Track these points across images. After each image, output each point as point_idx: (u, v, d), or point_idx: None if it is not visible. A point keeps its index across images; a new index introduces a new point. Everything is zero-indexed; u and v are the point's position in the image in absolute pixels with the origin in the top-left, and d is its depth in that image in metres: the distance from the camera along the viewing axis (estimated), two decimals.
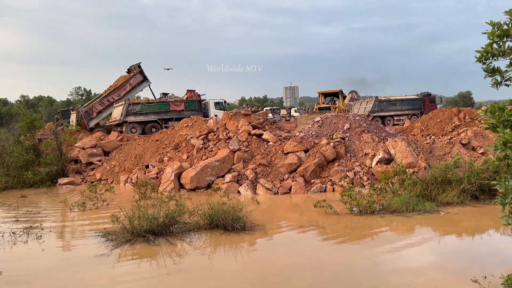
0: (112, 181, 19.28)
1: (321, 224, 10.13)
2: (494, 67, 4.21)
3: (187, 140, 19.51)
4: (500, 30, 4.04)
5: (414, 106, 36.81)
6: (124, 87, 29.64)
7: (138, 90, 31.00)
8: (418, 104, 36.94)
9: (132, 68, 30.40)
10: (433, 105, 37.20)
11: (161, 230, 9.13)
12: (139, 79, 30.17)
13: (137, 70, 30.08)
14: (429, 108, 36.24)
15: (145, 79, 30.46)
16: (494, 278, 5.61)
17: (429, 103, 37.11)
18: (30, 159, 19.54)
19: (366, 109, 35.74)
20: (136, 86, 30.22)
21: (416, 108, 36.71)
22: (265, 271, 7.09)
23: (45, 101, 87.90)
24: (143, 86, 30.67)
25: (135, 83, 29.99)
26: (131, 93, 30.14)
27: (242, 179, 15.75)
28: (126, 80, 30.00)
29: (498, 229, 9.41)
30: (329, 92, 45.52)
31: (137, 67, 30.18)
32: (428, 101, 37.32)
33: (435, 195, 11.77)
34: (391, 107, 36.12)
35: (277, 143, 17.60)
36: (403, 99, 37.07)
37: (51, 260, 8.08)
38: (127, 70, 31.00)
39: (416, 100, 37.10)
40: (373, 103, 35.72)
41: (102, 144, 22.28)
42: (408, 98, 37.45)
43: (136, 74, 29.96)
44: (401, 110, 36.07)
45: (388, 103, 36.29)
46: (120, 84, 29.83)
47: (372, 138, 17.16)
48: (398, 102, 36.64)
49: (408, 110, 36.30)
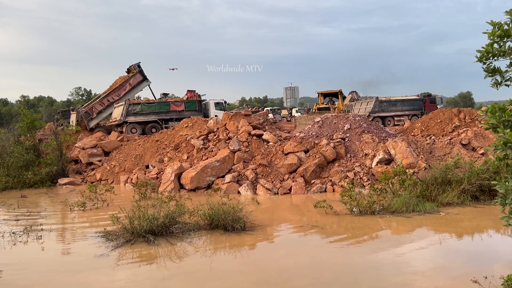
0: (112, 181, 19.28)
1: (321, 224, 10.12)
2: (494, 67, 4.20)
3: (187, 140, 19.51)
4: (501, 30, 4.04)
5: (415, 106, 36.77)
6: (124, 87, 29.60)
7: (138, 90, 30.93)
8: (418, 104, 36.90)
9: (132, 68, 30.36)
10: (434, 105, 37.16)
11: (161, 230, 9.13)
12: (138, 79, 30.12)
13: (137, 70, 30.02)
14: (429, 108, 36.19)
15: (145, 78, 30.40)
16: (494, 278, 5.60)
17: (430, 104, 37.08)
18: (30, 159, 19.54)
19: (366, 109, 35.68)
20: (136, 86, 30.16)
21: (417, 109, 36.67)
22: (266, 271, 7.08)
23: (46, 101, 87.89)
24: (142, 85, 30.62)
25: (134, 83, 29.93)
26: (131, 93, 30.09)
27: (242, 180, 15.75)
28: (125, 80, 29.97)
29: (499, 229, 9.41)
30: (328, 92, 44.67)
31: (136, 66, 30.12)
32: (429, 101, 37.30)
33: (435, 196, 11.76)
34: (391, 108, 36.07)
35: (277, 143, 17.60)
36: (403, 100, 37.03)
37: (51, 261, 8.08)
38: (127, 70, 30.98)
39: (417, 101, 37.07)
40: (373, 103, 35.67)
41: (102, 144, 22.27)
42: (409, 98, 37.41)
43: (135, 74, 29.92)
44: (402, 111, 36.03)
45: (389, 104, 36.25)
46: (120, 84, 29.79)
47: (372, 138, 17.16)
48: (399, 102, 36.60)
49: (409, 110, 36.26)
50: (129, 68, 30.65)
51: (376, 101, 35.74)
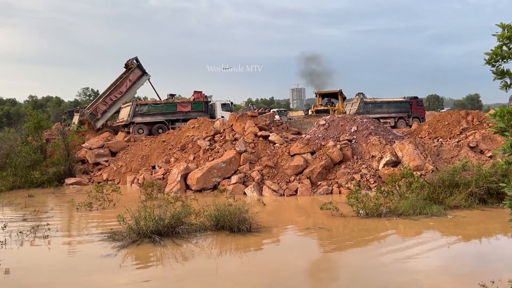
0: (118, 182, 19.37)
1: (328, 226, 10.09)
2: (503, 70, 4.17)
3: (194, 141, 19.55)
4: (510, 32, 4.00)
5: (401, 108, 35.89)
6: (125, 84, 29.09)
7: (139, 85, 30.14)
8: (405, 107, 36.16)
9: (129, 62, 29.74)
10: (421, 108, 36.66)
11: (167, 231, 9.13)
12: (138, 74, 29.47)
13: (135, 65, 29.40)
14: (416, 111, 35.77)
15: (144, 73, 29.74)
16: (502, 282, 5.55)
17: (417, 106, 36.45)
18: (38, 159, 19.68)
19: (351, 110, 34.84)
20: (136, 81, 29.55)
21: (403, 111, 35.70)
22: (278, 273, 7.06)
23: (53, 101, 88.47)
24: (143, 80, 29.90)
25: (134, 78, 29.34)
26: (132, 89, 29.48)
27: (248, 181, 15.74)
28: (125, 76, 29.51)
29: (506, 233, 9.33)
30: (327, 92, 40.54)
31: (134, 61, 29.50)
32: (416, 104, 36.63)
33: (443, 198, 11.67)
34: (377, 109, 35.03)
35: (283, 144, 17.59)
36: (389, 102, 36.35)
37: (57, 260, 8.12)
38: (125, 65, 30.28)
39: (403, 103, 36.34)
40: (358, 104, 35.06)
41: (109, 144, 22.38)
42: (395, 100, 36.68)
43: (134, 68, 29.24)
44: (388, 113, 34.91)
45: (374, 105, 35.51)
46: (120, 81, 29.34)
47: (379, 140, 17.09)
48: (385, 104, 35.88)
49: (395, 112, 35.20)
50: (127, 63, 30.07)
51: (361, 102, 35.10)
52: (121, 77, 29.32)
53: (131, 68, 29.22)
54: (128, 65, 29.65)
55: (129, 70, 29.45)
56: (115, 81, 29.65)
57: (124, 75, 29.53)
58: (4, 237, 9.40)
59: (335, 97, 39.04)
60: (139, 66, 29.41)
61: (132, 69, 29.17)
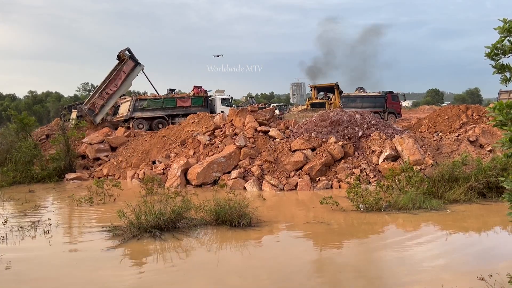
0: (119, 177, 19.38)
1: (328, 220, 10.11)
2: (503, 64, 4.17)
3: (194, 136, 19.55)
4: (510, 24, 4.00)
5: (376, 103, 35.62)
6: (119, 76, 28.67)
7: (133, 76, 29.60)
8: (380, 101, 35.84)
9: (122, 54, 29.39)
10: (396, 103, 36.45)
11: (168, 225, 9.16)
12: (131, 65, 29.03)
13: (127, 56, 29.01)
14: (391, 106, 35.60)
15: (137, 63, 29.40)
16: (501, 276, 5.57)
17: (392, 101, 36.21)
18: (36, 154, 19.73)
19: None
20: (130, 72, 29.18)
21: (378, 106, 35.48)
22: (284, 268, 7.08)
23: (53, 96, 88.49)
24: (137, 71, 29.38)
25: (128, 69, 28.91)
26: (127, 80, 29.01)
27: (248, 176, 15.76)
28: (119, 68, 29.17)
29: (506, 226, 9.37)
30: (323, 86, 39.55)
31: (126, 52, 29.15)
32: (391, 99, 36.32)
33: (442, 193, 11.70)
34: (350, 104, 34.78)
35: (283, 140, 17.58)
36: (363, 96, 36.08)
37: (58, 255, 8.15)
38: (117, 57, 29.88)
39: (378, 98, 36.07)
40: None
41: (109, 139, 22.37)
42: (370, 95, 36.42)
43: (127, 60, 28.76)
44: (362, 107, 33.51)
45: (348, 100, 35.27)
46: (115, 74, 29.02)
47: (379, 135, 17.08)
48: (359, 98, 35.59)
49: (370, 108, 33.92)
50: (119, 55, 29.66)
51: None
52: (115, 70, 28.86)
53: (124, 60, 28.78)
54: (120, 56, 29.07)
55: (122, 62, 28.95)
56: (109, 74, 29.08)
57: (117, 67, 29.06)
58: (5, 232, 9.42)
59: (331, 91, 38.27)
60: (131, 57, 28.85)
61: (124, 60, 28.74)
